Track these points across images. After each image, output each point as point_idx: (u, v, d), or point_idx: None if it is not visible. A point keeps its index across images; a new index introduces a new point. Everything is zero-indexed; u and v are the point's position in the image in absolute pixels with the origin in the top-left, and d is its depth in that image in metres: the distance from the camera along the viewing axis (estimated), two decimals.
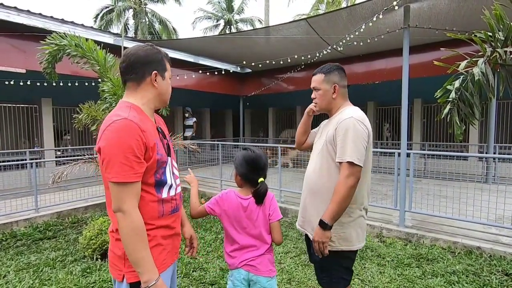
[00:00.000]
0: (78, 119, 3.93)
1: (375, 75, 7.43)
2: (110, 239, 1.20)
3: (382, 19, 4.34)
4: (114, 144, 1.05)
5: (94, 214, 4.85)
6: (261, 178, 1.52)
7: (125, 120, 1.08)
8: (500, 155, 5.80)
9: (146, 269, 1.07)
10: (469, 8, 4.47)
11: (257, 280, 1.55)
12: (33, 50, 4.00)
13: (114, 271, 1.16)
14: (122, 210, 1.06)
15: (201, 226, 4.28)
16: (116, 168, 1.04)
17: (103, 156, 1.07)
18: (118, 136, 1.05)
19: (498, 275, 2.81)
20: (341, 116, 1.62)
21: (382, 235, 3.86)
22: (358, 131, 1.53)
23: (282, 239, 1.59)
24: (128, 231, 1.06)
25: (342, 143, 1.53)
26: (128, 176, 1.06)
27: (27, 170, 6.10)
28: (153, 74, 1.20)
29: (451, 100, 1.70)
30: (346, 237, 1.60)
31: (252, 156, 1.54)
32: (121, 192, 1.06)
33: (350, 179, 1.48)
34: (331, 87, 1.69)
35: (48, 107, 7.17)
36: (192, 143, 5.30)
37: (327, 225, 1.49)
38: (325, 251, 1.53)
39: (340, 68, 1.73)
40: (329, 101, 1.72)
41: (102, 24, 19.19)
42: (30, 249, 3.56)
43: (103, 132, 1.09)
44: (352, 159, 1.49)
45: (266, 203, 1.56)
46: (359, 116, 1.58)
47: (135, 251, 1.06)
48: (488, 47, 1.65)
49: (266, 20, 18.32)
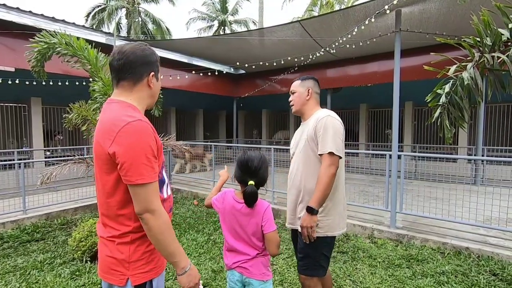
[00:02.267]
0: (68, 119, 3.87)
1: (367, 77, 7.52)
2: (106, 244, 1.15)
3: (374, 23, 4.40)
4: (136, 147, 1.04)
5: (84, 216, 4.76)
6: (251, 181, 1.50)
7: (141, 122, 1.07)
8: (488, 157, 5.93)
9: (181, 257, 1.12)
10: (459, 14, 4.56)
11: (250, 283, 1.55)
12: (23, 48, 3.92)
13: (114, 276, 1.13)
14: (151, 210, 1.06)
15: (193, 227, 4.25)
16: (140, 170, 1.04)
17: (122, 159, 1.03)
18: (139, 138, 1.05)
19: (485, 275, 2.86)
20: (317, 116, 1.84)
21: (373, 236, 3.90)
22: (336, 127, 1.77)
23: (277, 251, 1.54)
24: (161, 228, 1.07)
25: (322, 137, 1.75)
26: (152, 176, 1.07)
27: (15, 171, 5.97)
28: (151, 76, 1.19)
29: (441, 104, 1.73)
30: (329, 223, 1.79)
31: (242, 159, 1.55)
32: (147, 193, 1.06)
33: (331, 168, 1.70)
34: (306, 90, 1.95)
35: (38, 107, 7.03)
36: (185, 144, 5.27)
37: (314, 210, 1.67)
38: (313, 235, 1.69)
39: (315, 79, 2.02)
40: (303, 102, 1.96)
41: (94, 23, 18.93)
42: (17, 252, 3.47)
43: (117, 133, 1.04)
44: (332, 150, 1.71)
45: (259, 212, 1.52)
46: (334, 115, 1.84)
47: (170, 244, 1.10)
48: (476, 52, 1.69)
49: (260, 22, 18.38)
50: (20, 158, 6.45)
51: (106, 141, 1.06)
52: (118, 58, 1.14)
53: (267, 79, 9.04)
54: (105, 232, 1.16)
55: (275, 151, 5.27)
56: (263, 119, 11.67)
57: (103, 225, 1.17)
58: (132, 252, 1.11)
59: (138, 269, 1.12)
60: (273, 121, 11.97)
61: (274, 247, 1.52)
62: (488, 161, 6.52)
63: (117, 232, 1.12)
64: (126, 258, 1.11)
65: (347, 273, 2.95)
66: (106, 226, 1.16)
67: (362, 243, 3.66)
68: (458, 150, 7.83)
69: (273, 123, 11.98)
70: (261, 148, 9.10)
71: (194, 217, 4.76)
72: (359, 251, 3.44)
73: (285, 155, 6.83)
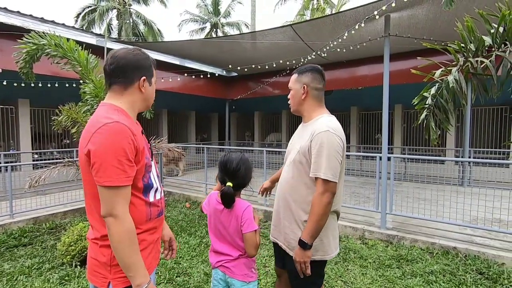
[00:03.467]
0: (57, 121, 3.81)
1: (358, 81, 7.64)
2: (91, 246, 1.16)
3: (364, 27, 4.49)
4: (108, 148, 1.03)
5: (73, 220, 4.68)
6: (229, 182, 1.52)
7: (117, 124, 1.07)
8: (474, 159, 6.08)
9: (138, 273, 1.07)
10: (445, 20, 4.70)
11: (232, 283, 1.57)
12: (10, 49, 3.85)
13: (97, 279, 1.13)
14: (114, 214, 1.04)
15: (185, 230, 4.22)
16: (108, 171, 1.02)
17: (94, 159, 1.03)
18: (112, 139, 1.04)
19: (472, 274, 2.93)
20: (316, 127, 1.57)
21: (364, 237, 3.95)
22: (333, 146, 1.50)
23: (254, 251, 1.52)
24: (120, 236, 1.04)
25: (316, 158, 1.51)
26: (121, 179, 1.04)
27: (1, 174, 5.82)
28: (142, 80, 1.20)
29: (427, 106, 1.78)
30: (321, 247, 1.59)
31: (222, 160, 1.58)
32: (112, 196, 1.04)
33: (325, 196, 1.48)
34: (301, 87, 1.65)
35: (26, 109, 6.89)
36: (177, 146, 5.24)
37: (307, 245, 1.48)
38: (307, 271, 1.52)
39: (315, 70, 1.67)
40: (298, 102, 1.67)
41: (84, 24, 18.69)
42: (4, 257, 3.39)
43: (92, 134, 1.05)
44: (327, 177, 1.47)
45: (238, 213, 1.52)
46: (335, 128, 1.55)
47: (128, 256, 1.05)
48: (461, 57, 1.75)
49: (253, 25, 18.47)
50: (7, 161, 6.30)
51: (84, 141, 1.08)
52: (110, 63, 1.17)
53: (259, 82, 9.08)
54: (91, 234, 1.16)
55: (267, 153, 5.29)
56: (255, 121, 11.70)
57: (91, 227, 1.18)
58: (113, 256, 1.09)
59: (119, 273, 1.10)
60: (265, 123, 12.02)
61: (251, 248, 1.51)
62: (474, 163, 6.69)
63: (98, 234, 1.12)
64: (107, 261, 1.11)
65: (338, 274, 2.98)
66: (93, 228, 1.16)
67: (353, 244, 3.71)
68: (446, 152, 8.01)
69: (266, 125, 12.02)
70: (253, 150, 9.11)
71: (186, 220, 4.73)
72: (350, 252, 3.48)
73: (277, 157, 6.86)
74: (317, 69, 1.68)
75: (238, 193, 1.60)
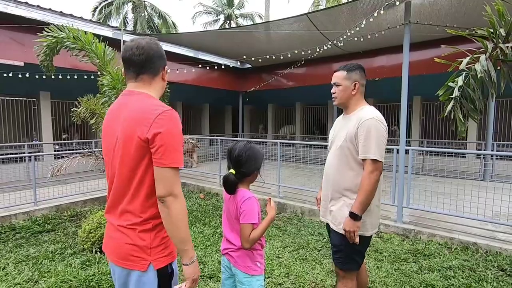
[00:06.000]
0: (77, 113, 3.92)
1: (375, 71, 7.41)
2: (127, 233, 1.17)
3: (383, 15, 4.32)
4: (173, 132, 1.12)
5: (93, 208, 4.85)
6: (232, 169, 1.55)
7: (174, 111, 1.17)
8: (498, 152, 5.83)
9: (191, 246, 1.17)
10: (470, 5, 4.45)
11: (235, 272, 1.58)
12: (32, 43, 3.96)
13: (135, 263, 1.16)
14: (174, 193, 1.11)
15: (199, 220, 4.29)
16: (175, 154, 1.11)
17: (160, 142, 1.09)
18: (176, 125, 1.14)
19: (493, 271, 2.84)
20: (361, 116, 1.75)
21: (380, 230, 3.89)
22: (379, 131, 1.69)
23: (246, 244, 1.49)
24: (180, 212, 1.13)
25: (365, 142, 1.68)
26: (181, 162, 1.14)
27: (25, 164, 6.09)
28: (165, 69, 1.28)
29: (453, 97, 1.70)
30: (362, 224, 1.74)
31: (228, 148, 1.61)
32: (174, 177, 1.12)
33: (375, 174, 1.66)
34: (352, 84, 1.83)
35: (47, 101, 7.13)
36: (191, 138, 5.29)
37: (358, 216, 1.66)
38: (356, 239, 1.68)
39: (361, 68, 1.86)
40: (348, 96, 1.85)
41: (101, 17, 18.99)
42: (29, 242, 3.57)
43: (154, 119, 1.10)
44: (376, 157, 1.66)
45: (239, 201, 1.52)
46: (379, 116, 1.74)
47: (185, 231, 1.14)
48: (489, 44, 1.65)
49: (266, 16, 18.20)
50: (30, 151, 6.58)
51: (141, 127, 1.11)
52: (138, 54, 1.19)
53: (273, 74, 8.98)
54: (124, 221, 1.18)
55: (281, 146, 5.26)
56: (269, 114, 11.64)
57: (120, 214, 1.19)
58: (153, 238, 1.17)
59: (159, 254, 1.18)
60: (279, 116, 11.93)
61: (242, 240, 1.50)
62: (497, 156, 6.41)
63: (138, 219, 1.16)
64: (147, 244, 1.16)
65: None
66: (125, 214, 1.18)
67: None
68: (467, 145, 7.72)
69: (279, 118, 11.93)
70: (266, 142, 9.09)
71: (201, 210, 4.80)
72: None
73: (291, 150, 6.81)
74: (362, 67, 1.88)
75: (244, 181, 1.57)
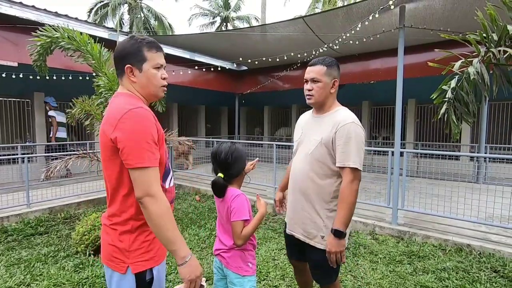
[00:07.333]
0: (71, 114, 3.89)
1: (370, 74, 7.48)
2: (109, 233, 1.18)
3: (378, 19, 4.37)
4: (136, 131, 1.06)
5: (87, 210, 4.80)
6: (220, 173, 1.54)
7: (142, 109, 1.11)
8: (491, 155, 5.90)
9: (181, 245, 1.10)
10: (463, 10, 4.52)
11: (227, 273, 1.58)
12: (26, 43, 3.93)
13: (115, 264, 1.16)
14: (151, 194, 1.06)
15: (195, 222, 4.27)
16: (140, 154, 1.06)
17: (123, 144, 1.06)
18: (140, 123, 1.08)
19: (487, 272, 2.87)
20: (338, 119, 1.61)
21: (375, 232, 3.91)
22: (359, 136, 1.58)
23: (239, 241, 1.49)
24: (160, 213, 1.07)
25: (344, 148, 1.56)
26: (152, 161, 1.08)
27: (18, 165, 6.00)
28: (127, 69, 1.19)
29: (447, 100, 1.72)
30: None
31: (213, 150, 1.60)
32: (146, 177, 1.07)
33: (355, 183, 1.55)
34: (331, 81, 1.67)
35: (41, 101, 7.05)
36: (187, 139, 5.28)
37: (343, 233, 1.52)
38: (343, 259, 1.55)
39: (338, 64, 1.72)
40: (326, 95, 1.68)
41: (97, 18, 18.91)
42: (21, 245, 3.51)
43: (118, 120, 1.07)
44: (356, 165, 1.55)
45: (228, 201, 1.53)
46: (357, 119, 1.64)
47: (170, 230, 1.08)
48: (482, 48, 1.68)
49: (263, 18, 18.30)
50: (24, 153, 6.49)
51: (109, 127, 1.10)
52: (115, 53, 1.22)
53: (269, 76, 9.01)
54: (108, 220, 1.19)
55: (277, 148, 5.27)
56: (265, 116, 11.65)
57: (107, 214, 1.21)
58: (132, 241, 1.14)
59: (138, 258, 1.15)
60: (275, 118, 11.95)
61: (235, 237, 1.51)
62: (490, 159, 6.49)
63: (119, 219, 1.15)
64: (126, 247, 1.14)
65: (348, 269, 2.96)
66: (110, 214, 1.19)
67: (363, 239, 3.67)
68: (460, 148, 7.80)
69: (275, 119, 11.95)
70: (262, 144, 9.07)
71: (196, 212, 4.78)
72: (360, 247, 3.45)
73: (287, 152, 6.83)
74: (337, 62, 1.72)
75: (232, 182, 1.59)
